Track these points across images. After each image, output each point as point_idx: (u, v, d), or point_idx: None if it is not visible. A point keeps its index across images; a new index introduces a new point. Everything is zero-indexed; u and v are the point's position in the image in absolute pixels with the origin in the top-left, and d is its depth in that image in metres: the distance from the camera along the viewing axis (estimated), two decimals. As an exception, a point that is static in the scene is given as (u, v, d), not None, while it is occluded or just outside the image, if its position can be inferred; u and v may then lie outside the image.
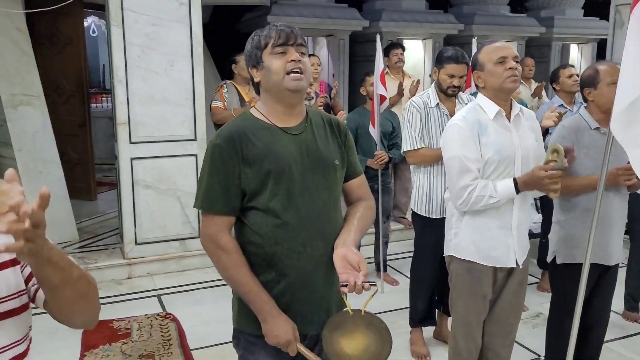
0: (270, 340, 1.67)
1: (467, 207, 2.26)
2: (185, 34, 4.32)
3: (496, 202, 2.22)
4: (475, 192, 2.21)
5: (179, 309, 3.85)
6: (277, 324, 1.65)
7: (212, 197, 1.67)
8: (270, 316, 1.65)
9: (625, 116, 1.80)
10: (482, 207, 2.24)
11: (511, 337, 2.55)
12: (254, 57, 1.71)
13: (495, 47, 2.29)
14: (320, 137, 1.77)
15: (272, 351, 1.73)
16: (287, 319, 1.67)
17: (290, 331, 1.66)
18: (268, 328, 1.66)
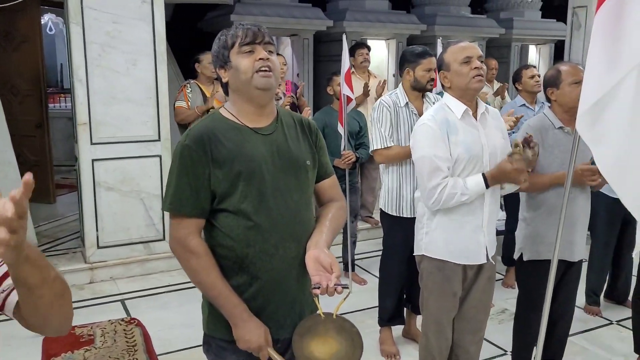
0: (241, 345, 1.64)
1: (439, 205, 2.27)
2: (147, 32, 4.22)
3: (467, 199, 2.24)
4: (446, 190, 2.22)
5: (143, 313, 3.76)
6: (248, 329, 1.62)
7: (181, 199, 1.62)
8: (241, 320, 1.62)
9: (590, 116, 1.84)
10: (454, 204, 2.25)
11: (480, 334, 2.58)
12: (221, 57, 1.68)
13: (460, 47, 2.31)
14: (291, 137, 1.74)
15: (243, 356, 1.69)
16: (259, 323, 1.64)
17: (261, 335, 1.63)
18: (239, 333, 1.63)
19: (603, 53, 1.79)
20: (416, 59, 3.01)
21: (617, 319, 3.71)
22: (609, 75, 1.77)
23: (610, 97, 1.80)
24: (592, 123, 1.84)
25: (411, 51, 3.08)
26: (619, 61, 1.75)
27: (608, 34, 1.78)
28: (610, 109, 1.81)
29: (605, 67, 1.78)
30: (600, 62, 1.80)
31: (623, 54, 1.74)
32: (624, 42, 1.74)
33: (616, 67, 1.75)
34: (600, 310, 3.81)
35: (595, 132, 1.84)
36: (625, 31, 1.74)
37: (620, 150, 1.84)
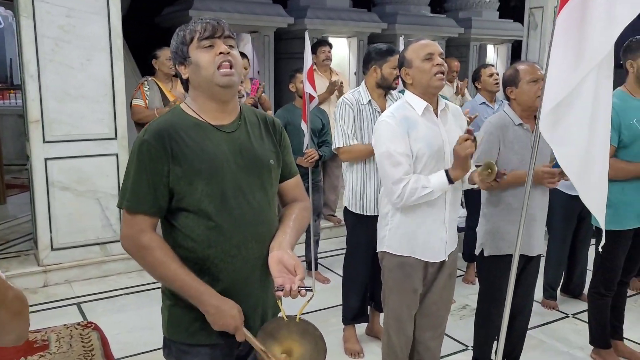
0: (216, 328, 1.59)
1: (403, 201, 2.26)
2: (103, 27, 4.09)
3: (430, 194, 2.23)
4: (409, 186, 2.22)
5: (101, 317, 3.65)
6: (220, 313, 1.57)
7: (139, 196, 1.56)
8: (211, 306, 1.56)
9: (552, 117, 1.86)
10: (416, 199, 2.24)
11: (441, 330, 2.59)
12: (180, 53, 1.63)
13: (421, 44, 2.32)
14: (255, 135, 1.71)
15: (206, 359, 1.66)
16: (232, 303, 1.59)
17: (236, 315, 1.58)
18: (212, 318, 1.57)
19: (565, 53, 1.81)
20: (384, 57, 3.00)
21: (573, 312, 3.80)
22: (571, 76, 1.80)
23: (573, 97, 1.83)
24: (555, 124, 1.86)
25: (378, 49, 3.06)
26: (581, 62, 1.78)
27: (570, 35, 1.80)
28: (572, 110, 1.84)
29: (567, 67, 1.81)
30: (563, 62, 1.82)
31: (585, 55, 1.77)
32: (586, 43, 1.77)
33: (578, 68, 1.78)
34: (557, 304, 3.90)
35: (558, 133, 1.87)
36: (587, 32, 1.77)
37: (582, 151, 1.87)
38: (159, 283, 1.70)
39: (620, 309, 3.20)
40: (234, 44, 1.64)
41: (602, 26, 1.73)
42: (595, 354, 3.18)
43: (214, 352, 1.66)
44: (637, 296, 4.08)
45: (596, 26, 1.74)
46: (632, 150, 2.88)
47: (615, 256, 3.00)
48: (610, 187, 2.92)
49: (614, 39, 1.73)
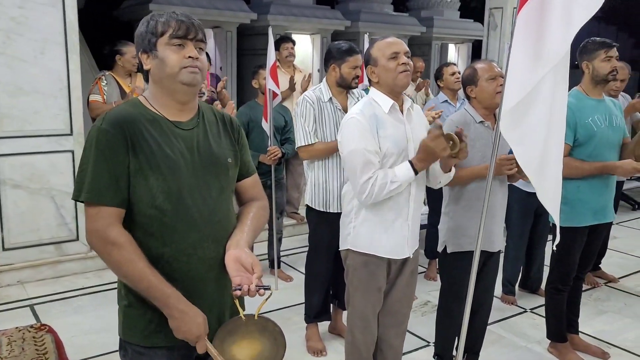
0: (179, 336, 1.54)
1: (372, 198, 2.24)
2: (57, 19, 3.95)
3: (398, 187, 2.22)
4: (378, 182, 2.20)
5: (55, 319, 3.53)
6: (185, 319, 1.52)
7: (100, 187, 1.49)
8: (177, 310, 1.52)
9: (512, 116, 1.88)
10: (385, 195, 2.23)
11: (403, 327, 2.60)
12: (147, 42, 1.57)
13: (387, 42, 2.31)
14: (213, 134, 1.68)
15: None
16: (197, 311, 1.54)
17: (201, 325, 1.54)
18: (176, 324, 1.52)
19: (525, 54, 1.84)
20: (342, 56, 2.98)
21: (531, 306, 3.88)
22: (530, 76, 1.82)
23: (532, 97, 1.85)
24: (515, 123, 1.88)
25: (338, 47, 3.04)
26: (539, 62, 1.80)
27: (529, 35, 1.83)
28: (531, 110, 1.87)
29: (527, 67, 1.83)
30: (522, 62, 1.84)
31: (543, 55, 1.79)
32: (544, 43, 1.79)
33: (537, 68, 1.80)
34: (516, 299, 3.97)
35: (517, 132, 1.89)
36: (544, 32, 1.79)
37: (539, 150, 1.90)
38: (116, 284, 1.64)
39: (576, 304, 3.28)
40: (204, 47, 1.61)
41: (559, 27, 1.76)
42: (552, 348, 3.25)
43: (171, 355, 1.62)
44: (592, 291, 4.20)
45: (553, 27, 1.77)
46: (586, 149, 2.95)
47: (571, 252, 3.07)
48: (566, 185, 3.00)
49: (570, 40, 1.76)
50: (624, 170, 2.91)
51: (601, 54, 2.93)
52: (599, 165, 2.93)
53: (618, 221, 6.09)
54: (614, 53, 2.94)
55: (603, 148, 2.96)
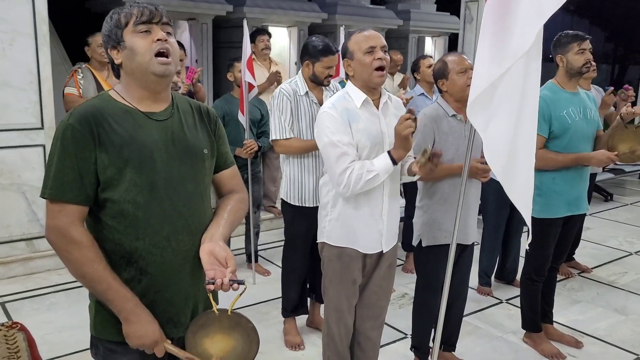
0: (134, 342, 1.52)
1: (350, 190, 2.22)
2: (27, 11, 3.85)
3: (375, 177, 2.20)
4: (355, 173, 2.19)
5: (28, 316, 3.46)
6: (141, 324, 1.51)
7: (63, 183, 1.47)
8: (134, 315, 1.50)
9: (479, 103, 1.90)
10: (363, 185, 2.21)
11: (381, 319, 2.61)
12: (113, 36, 1.54)
13: (364, 36, 2.28)
14: (188, 124, 1.65)
15: (134, 358, 1.59)
16: (152, 318, 1.54)
17: (157, 330, 1.53)
18: (131, 329, 1.51)
19: (492, 44, 1.85)
20: (317, 55, 2.95)
21: (507, 297, 3.92)
22: (497, 65, 1.83)
23: (500, 86, 1.86)
24: (481, 110, 1.89)
25: (314, 45, 2.99)
26: (506, 51, 1.81)
27: (496, 26, 1.84)
28: (498, 97, 1.88)
29: (494, 56, 1.84)
30: (489, 52, 1.85)
31: (510, 45, 1.80)
32: (511, 34, 1.81)
33: (504, 57, 1.82)
34: (492, 290, 4.01)
35: (483, 119, 1.90)
36: (511, 23, 1.80)
37: (504, 136, 1.91)
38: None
39: (550, 294, 3.33)
40: (171, 31, 1.58)
41: (528, 17, 1.77)
42: (527, 338, 3.29)
43: (143, 351, 1.59)
44: (566, 281, 4.26)
45: (522, 17, 1.78)
46: (562, 141, 2.98)
47: (545, 244, 3.11)
48: (542, 176, 3.05)
49: (538, 30, 1.77)
50: (598, 160, 2.95)
51: (574, 46, 2.96)
52: (574, 157, 2.96)
53: (591, 212, 6.20)
54: (587, 45, 2.97)
55: (578, 140, 3.00)
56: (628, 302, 3.91)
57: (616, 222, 5.89)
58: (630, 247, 5.09)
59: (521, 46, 1.78)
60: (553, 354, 3.15)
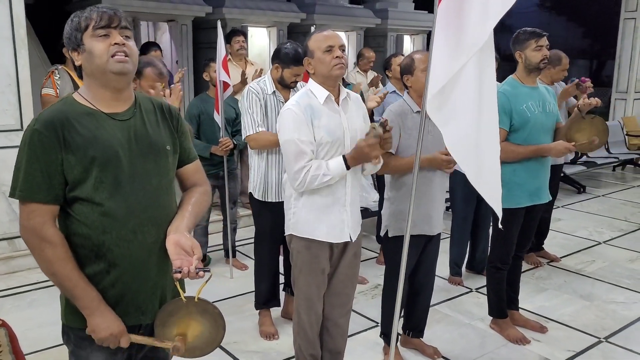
0: (99, 334, 1.62)
1: (304, 187, 2.36)
2: (4, 15, 3.91)
3: (330, 180, 2.34)
4: (310, 172, 2.31)
5: (9, 313, 3.53)
6: (104, 318, 1.62)
7: (32, 185, 1.56)
8: (98, 311, 1.61)
9: (437, 99, 2.01)
10: (317, 185, 2.35)
11: (348, 307, 2.71)
12: (73, 39, 1.63)
13: (323, 35, 2.40)
14: (151, 122, 1.73)
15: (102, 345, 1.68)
16: (115, 315, 1.64)
17: (120, 324, 1.64)
18: (95, 323, 1.61)
19: (446, 41, 1.96)
20: (287, 63, 3.06)
21: (477, 286, 4.05)
22: (453, 62, 1.95)
23: (455, 81, 1.98)
24: (440, 105, 2.01)
25: (286, 52, 3.08)
26: (461, 49, 1.93)
27: (450, 24, 1.95)
28: (455, 93, 2.00)
29: (449, 54, 1.95)
30: (444, 49, 1.97)
31: (464, 43, 1.92)
32: (464, 32, 1.92)
33: (459, 55, 1.93)
34: (462, 280, 4.14)
35: (442, 114, 2.02)
36: (465, 22, 1.91)
37: (465, 130, 2.03)
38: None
39: (516, 282, 3.46)
40: (130, 35, 1.66)
41: (478, 18, 1.88)
42: (493, 324, 3.43)
43: None
44: (534, 270, 4.41)
45: (473, 18, 1.89)
46: (522, 134, 3.11)
47: (509, 233, 3.23)
48: (503, 168, 3.14)
49: (488, 31, 1.89)
50: (557, 151, 3.08)
51: (532, 43, 3.09)
52: (534, 148, 3.10)
53: (563, 204, 6.38)
54: (544, 42, 3.11)
55: (537, 133, 3.13)
56: (594, 289, 4.06)
57: (587, 214, 6.06)
58: (600, 236, 5.26)
59: (475, 43, 1.89)
60: (518, 339, 3.28)
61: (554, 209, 6.08)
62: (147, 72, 2.78)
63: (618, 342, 3.28)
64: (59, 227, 1.63)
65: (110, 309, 1.63)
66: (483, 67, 2.03)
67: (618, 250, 4.88)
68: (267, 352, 3.16)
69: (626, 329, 3.43)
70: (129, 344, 1.67)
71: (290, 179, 2.39)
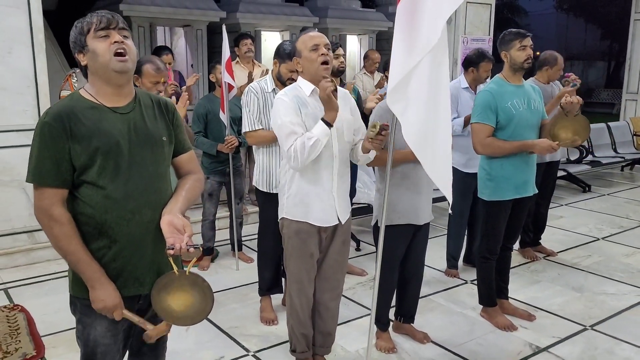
0: (97, 305, 1.82)
1: (299, 161, 2.51)
2: (23, 21, 4.18)
3: (316, 142, 2.48)
4: (298, 142, 2.49)
5: (28, 300, 3.78)
6: (104, 291, 1.81)
7: (42, 171, 1.77)
8: (99, 283, 1.81)
9: (396, 93, 2.19)
10: (310, 152, 2.48)
11: (338, 291, 2.89)
12: (78, 42, 1.84)
13: (309, 36, 2.61)
14: (149, 116, 1.94)
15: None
16: (115, 288, 1.84)
17: (118, 297, 1.83)
18: (95, 294, 1.81)
19: (404, 39, 2.14)
20: (284, 58, 3.27)
21: (472, 279, 4.17)
22: (409, 58, 2.13)
23: (411, 76, 2.16)
24: (399, 98, 2.19)
25: (284, 48, 3.31)
26: (415, 47, 2.11)
27: (407, 25, 2.13)
28: (411, 87, 2.18)
29: (406, 52, 2.14)
30: (402, 47, 2.15)
31: (419, 42, 2.10)
32: (419, 32, 2.10)
33: (414, 52, 2.11)
34: (458, 273, 4.28)
35: (400, 106, 2.20)
36: (418, 23, 2.10)
37: (420, 120, 2.21)
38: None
39: (505, 272, 3.60)
40: (128, 35, 1.87)
41: (433, 16, 2.06)
42: (483, 312, 3.57)
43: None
44: (530, 264, 4.53)
45: (428, 15, 2.07)
46: (507, 130, 3.26)
47: (497, 224, 3.39)
48: (491, 163, 3.35)
49: (440, 30, 2.06)
50: (541, 147, 3.23)
51: (516, 43, 3.25)
52: (518, 144, 3.24)
53: (567, 202, 6.47)
54: (528, 42, 3.26)
55: (522, 129, 3.28)
56: (586, 281, 4.17)
57: (590, 211, 6.13)
58: (599, 233, 5.35)
59: (429, 42, 2.07)
60: (506, 326, 3.42)
61: (557, 206, 6.22)
62: (145, 69, 3.04)
63: (603, 329, 3.40)
64: (68, 208, 1.83)
65: (111, 283, 1.83)
66: (437, 64, 2.21)
67: (615, 246, 4.97)
68: (266, 336, 3.35)
69: (612, 318, 3.55)
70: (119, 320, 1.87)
71: (287, 158, 2.58)
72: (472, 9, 7.30)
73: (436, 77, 2.17)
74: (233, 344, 3.24)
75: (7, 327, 3.37)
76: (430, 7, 2.06)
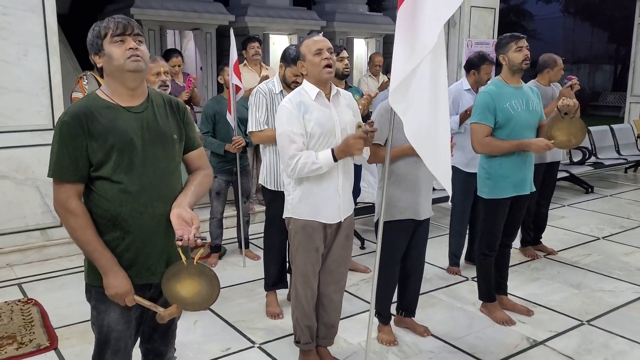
0: (109, 291, 1.93)
1: (295, 174, 2.66)
2: (38, 24, 4.34)
3: (319, 168, 2.63)
4: (301, 160, 2.62)
5: (42, 294, 3.92)
6: (116, 278, 1.93)
7: (62, 166, 1.89)
8: (111, 271, 1.92)
9: (398, 92, 2.30)
10: (307, 173, 2.64)
11: (342, 284, 3.00)
12: (95, 45, 1.96)
13: (313, 40, 2.72)
14: (161, 115, 2.06)
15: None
16: (126, 276, 1.95)
17: (128, 284, 1.95)
18: (108, 281, 1.93)
19: (405, 43, 2.25)
20: (289, 62, 3.39)
21: (473, 276, 4.25)
22: (410, 60, 2.23)
23: (411, 77, 2.27)
24: (401, 98, 2.30)
25: (290, 52, 3.42)
26: (415, 49, 2.21)
27: (407, 28, 2.24)
28: (412, 87, 2.28)
29: (406, 54, 2.24)
30: (403, 49, 2.26)
31: (418, 44, 2.20)
32: (418, 35, 2.20)
33: (414, 54, 2.22)
34: (460, 270, 4.38)
35: (402, 105, 2.31)
36: (418, 26, 2.20)
37: (421, 119, 2.31)
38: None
39: (504, 268, 3.69)
40: (142, 40, 1.99)
41: (431, 20, 2.17)
42: (483, 308, 3.66)
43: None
44: (530, 262, 4.62)
45: (426, 20, 2.17)
46: (506, 130, 3.36)
47: (495, 221, 3.48)
48: (490, 162, 3.45)
49: (437, 34, 2.17)
50: (537, 146, 3.32)
51: (513, 45, 3.35)
52: (515, 143, 3.34)
53: (570, 203, 6.54)
54: (524, 43, 3.37)
55: (520, 129, 3.38)
56: (585, 279, 4.25)
57: (592, 212, 6.21)
58: (600, 232, 5.42)
59: (427, 45, 2.18)
60: (504, 320, 3.52)
61: (559, 207, 6.29)
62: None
63: (599, 324, 3.49)
64: (84, 201, 1.96)
65: (123, 271, 1.94)
66: (436, 66, 2.32)
67: (615, 245, 5.05)
68: (271, 329, 3.46)
69: (609, 314, 3.64)
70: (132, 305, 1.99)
71: (284, 166, 2.70)
72: (476, 12, 7.41)
73: (435, 77, 2.27)
74: (239, 337, 3.35)
75: (21, 320, 3.50)
76: (429, 11, 2.17)
